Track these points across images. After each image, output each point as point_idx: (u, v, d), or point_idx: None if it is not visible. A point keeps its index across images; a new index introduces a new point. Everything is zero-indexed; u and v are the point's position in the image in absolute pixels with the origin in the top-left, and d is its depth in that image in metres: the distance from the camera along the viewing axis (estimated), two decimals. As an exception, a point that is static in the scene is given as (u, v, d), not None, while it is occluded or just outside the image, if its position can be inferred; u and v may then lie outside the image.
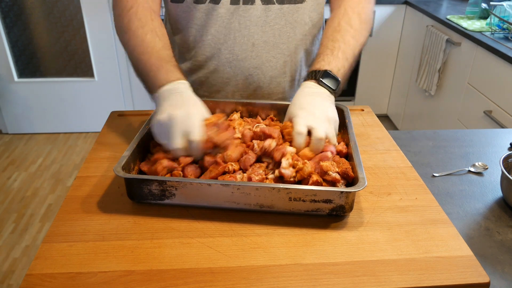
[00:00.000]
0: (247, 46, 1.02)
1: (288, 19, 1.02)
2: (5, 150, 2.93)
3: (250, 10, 1.00)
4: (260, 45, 1.03)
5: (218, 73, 1.06)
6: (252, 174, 0.76)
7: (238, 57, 1.03)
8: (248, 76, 1.06)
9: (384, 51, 3.01)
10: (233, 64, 1.04)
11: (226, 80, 1.07)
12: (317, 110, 0.84)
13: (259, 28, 1.01)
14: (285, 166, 0.75)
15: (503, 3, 2.20)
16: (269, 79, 1.07)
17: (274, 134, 0.82)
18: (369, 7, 1.04)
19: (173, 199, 0.74)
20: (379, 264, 0.65)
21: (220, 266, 0.64)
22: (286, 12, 1.01)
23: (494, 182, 0.94)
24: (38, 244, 2.11)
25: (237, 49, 1.03)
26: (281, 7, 1.01)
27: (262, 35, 1.02)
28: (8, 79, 2.95)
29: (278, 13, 1.01)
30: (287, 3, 1.01)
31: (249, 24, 1.00)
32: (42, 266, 0.64)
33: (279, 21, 1.02)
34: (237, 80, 1.07)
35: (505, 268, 0.72)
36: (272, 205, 0.73)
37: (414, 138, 1.12)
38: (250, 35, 1.01)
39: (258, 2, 0.99)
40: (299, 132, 0.81)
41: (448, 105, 2.40)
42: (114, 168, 0.72)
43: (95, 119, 3.11)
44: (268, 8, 1.00)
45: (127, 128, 1.03)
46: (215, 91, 1.10)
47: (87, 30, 2.86)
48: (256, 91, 1.08)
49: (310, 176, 0.75)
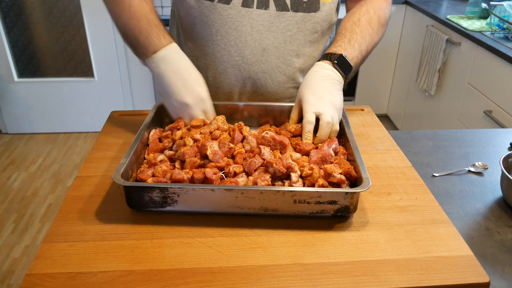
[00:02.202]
0: (257, 51, 1.03)
1: (300, 27, 1.03)
2: (5, 150, 2.93)
3: (263, 15, 1.00)
4: (271, 51, 1.03)
5: (226, 74, 1.06)
6: (258, 179, 0.75)
7: (248, 61, 1.04)
8: (256, 80, 1.06)
9: (384, 51, 3.01)
10: (242, 67, 1.04)
11: (234, 82, 1.07)
12: (326, 94, 0.89)
13: (271, 34, 1.02)
14: (295, 180, 0.76)
15: (503, 3, 2.20)
16: (277, 84, 1.07)
17: (285, 141, 0.83)
18: (388, 13, 1.09)
19: (175, 206, 0.73)
20: (379, 264, 0.65)
21: (220, 266, 0.64)
22: (299, 19, 1.02)
23: (494, 182, 0.94)
24: (38, 244, 2.11)
25: (247, 53, 1.03)
26: (294, 14, 1.01)
27: (274, 40, 1.02)
28: (8, 79, 2.95)
29: (291, 20, 1.01)
30: (302, 11, 1.01)
31: (262, 28, 1.01)
32: (42, 266, 0.64)
33: (291, 28, 1.02)
34: (245, 83, 1.07)
35: (505, 268, 0.72)
36: (277, 209, 0.72)
37: (414, 138, 1.12)
38: (261, 39, 1.02)
39: (272, 8, 1.00)
40: (309, 121, 0.86)
41: (448, 105, 2.40)
42: (113, 176, 0.71)
43: (95, 119, 3.11)
44: (282, 14, 1.00)
45: (127, 128, 1.03)
46: (222, 93, 1.09)
47: (87, 30, 2.86)
48: (264, 95, 1.09)
49: (317, 180, 0.75)
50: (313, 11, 1.02)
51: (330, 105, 0.88)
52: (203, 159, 0.80)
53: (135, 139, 0.83)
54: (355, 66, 0.97)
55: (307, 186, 0.76)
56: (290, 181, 0.76)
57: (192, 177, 0.76)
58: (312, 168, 0.76)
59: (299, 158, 0.81)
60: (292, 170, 0.76)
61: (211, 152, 0.79)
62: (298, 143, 0.85)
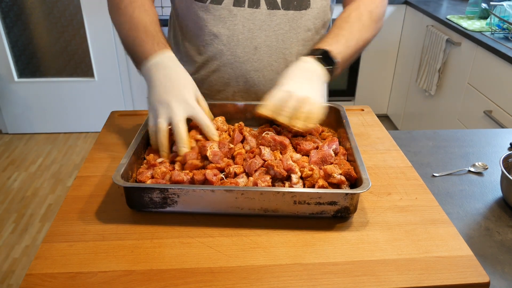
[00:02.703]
0: (249, 49, 1.03)
1: (292, 25, 1.03)
2: (5, 150, 2.93)
3: (254, 13, 1.00)
4: (263, 49, 1.04)
5: (219, 73, 1.06)
6: (258, 179, 0.75)
7: (239, 59, 1.04)
8: (248, 78, 1.06)
9: (384, 51, 3.01)
10: (234, 66, 1.05)
11: (226, 80, 1.07)
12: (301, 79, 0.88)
13: (262, 32, 1.02)
14: (295, 182, 0.76)
15: (503, 3, 2.20)
16: (270, 82, 1.07)
17: (285, 141, 0.83)
18: (382, 8, 1.06)
19: (175, 206, 0.73)
20: (379, 264, 0.65)
21: (220, 266, 0.64)
22: (290, 17, 1.02)
23: (494, 182, 0.94)
24: (38, 244, 2.11)
25: (239, 51, 1.03)
26: (286, 12, 1.01)
27: (266, 39, 1.03)
28: (8, 79, 2.95)
29: (282, 18, 1.01)
30: (293, 9, 1.01)
31: (253, 27, 1.01)
32: (42, 266, 0.64)
33: (283, 26, 1.02)
34: (238, 81, 1.07)
35: (505, 268, 0.72)
36: (277, 209, 0.72)
37: (414, 138, 1.12)
38: (253, 38, 1.02)
39: (263, 6, 1.00)
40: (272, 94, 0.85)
41: (448, 105, 2.40)
42: (113, 177, 0.71)
43: (95, 119, 3.11)
44: (273, 13, 1.01)
45: (127, 128, 1.03)
46: (215, 91, 1.10)
47: (87, 30, 2.86)
48: (257, 93, 1.09)
49: (317, 181, 0.75)
50: (304, 8, 1.02)
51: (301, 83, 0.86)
52: (203, 160, 0.80)
53: (135, 139, 0.83)
54: (342, 61, 0.94)
55: (307, 186, 0.76)
56: (291, 183, 0.76)
57: (192, 178, 0.76)
58: (312, 169, 0.76)
59: (299, 159, 0.81)
60: (293, 171, 0.76)
61: (211, 153, 0.79)
62: (299, 143, 0.85)
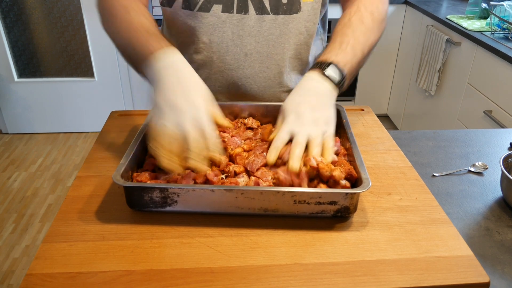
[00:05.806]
0: (239, 56, 1.01)
1: (283, 30, 1.00)
2: (5, 150, 2.93)
3: (243, 19, 0.98)
4: (253, 55, 1.01)
5: (210, 81, 1.04)
6: (260, 179, 0.75)
7: (230, 67, 1.02)
8: (240, 85, 1.04)
9: (384, 51, 3.01)
10: (225, 74, 1.03)
11: (218, 88, 1.06)
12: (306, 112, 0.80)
13: (252, 38, 1.00)
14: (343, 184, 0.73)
15: (503, 3, 2.20)
16: (262, 89, 1.05)
17: None
18: (383, 7, 0.99)
19: (175, 206, 0.73)
20: (379, 264, 0.65)
21: (220, 266, 0.64)
22: (280, 22, 0.99)
23: (494, 182, 0.94)
24: (38, 244, 2.11)
25: (229, 59, 1.01)
26: (275, 17, 0.98)
27: (256, 45, 1.00)
28: (8, 79, 2.95)
29: (272, 23, 0.99)
30: (282, 13, 0.98)
31: (243, 33, 0.99)
32: (42, 266, 0.64)
33: (273, 32, 1.00)
34: (229, 89, 1.05)
35: (505, 268, 0.72)
36: (277, 209, 0.72)
37: (414, 138, 1.12)
38: (243, 45, 1.00)
39: (252, 12, 0.97)
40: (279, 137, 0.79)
41: (448, 105, 2.40)
42: (113, 177, 0.71)
43: (95, 119, 3.11)
44: (262, 18, 0.98)
45: (127, 128, 1.03)
46: None
47: (87, 30, 2.86)
48: (252, 101, 1.06)
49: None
50: (294, 12, 0.99)
51: (310, 124, 0.79)
52: None
53: (135, 139, 0.83)
54: (351, 71, 0.87)
55: None
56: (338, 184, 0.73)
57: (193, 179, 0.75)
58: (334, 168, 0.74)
59: None
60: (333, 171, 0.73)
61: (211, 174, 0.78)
62: None
